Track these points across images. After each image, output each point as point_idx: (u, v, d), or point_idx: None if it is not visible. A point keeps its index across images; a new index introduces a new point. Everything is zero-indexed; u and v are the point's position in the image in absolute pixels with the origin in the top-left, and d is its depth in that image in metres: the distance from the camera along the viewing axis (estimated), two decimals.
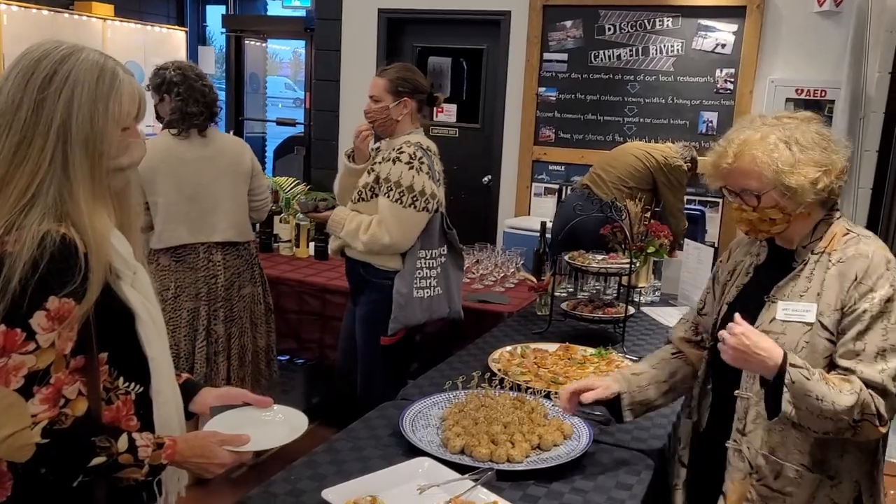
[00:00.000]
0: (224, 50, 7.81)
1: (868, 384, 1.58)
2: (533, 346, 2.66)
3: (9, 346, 1.27)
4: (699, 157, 4.18)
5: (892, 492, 3.01)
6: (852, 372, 1.60)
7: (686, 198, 4.38)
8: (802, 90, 4.48)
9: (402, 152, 2.94)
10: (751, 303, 1.78)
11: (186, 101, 3.18)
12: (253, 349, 3.49)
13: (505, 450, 1.84)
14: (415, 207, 2.92)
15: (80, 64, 1.36)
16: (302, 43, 7.13)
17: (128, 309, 1.41)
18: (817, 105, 4.45)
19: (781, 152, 1.63)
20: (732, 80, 4.72)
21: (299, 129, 7.67)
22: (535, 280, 3.26)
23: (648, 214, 3.59)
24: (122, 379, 1.43)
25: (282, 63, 17.58)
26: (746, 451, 1.72)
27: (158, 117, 3.30)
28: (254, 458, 1.62)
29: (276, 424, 1.63)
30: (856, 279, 1.63)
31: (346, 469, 1.79)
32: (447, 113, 5.59)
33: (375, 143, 3.22)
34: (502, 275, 3.79)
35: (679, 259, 3.66)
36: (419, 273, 3.00)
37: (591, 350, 2.62)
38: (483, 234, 5.21)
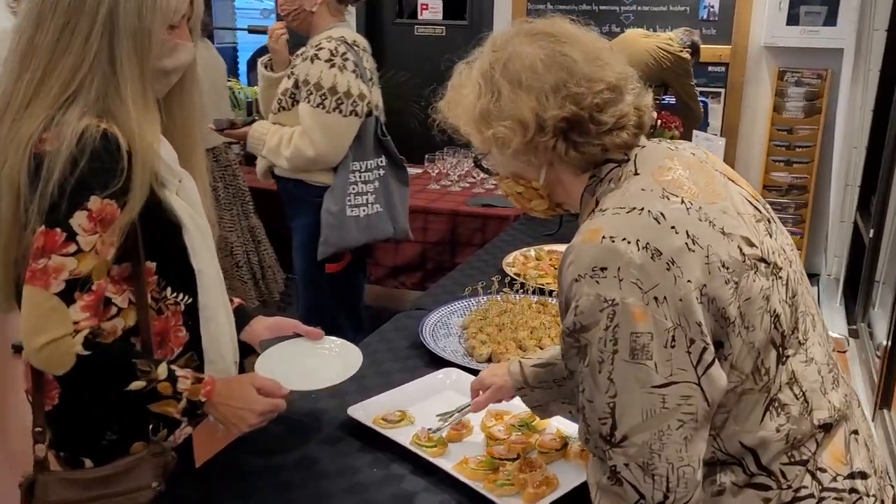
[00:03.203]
0: None
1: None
2: (546, 247, 2.55)
3: (49, 247, 1.20)
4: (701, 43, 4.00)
5: None
6: None
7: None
8: None
9: (320, 49, 2.52)
10: None
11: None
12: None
13: (535, 355, 1.74)
14: (340, 111, 2.50)
15: None
16: None
17: (174, 218, 1.33)
18: None
19: (469, 100, 1.11)
20: None
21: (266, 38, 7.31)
22: None
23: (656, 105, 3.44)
24: (169, 289, 1.38)
25: None
26: None
27: None
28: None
29: (329, 359, 1.54)
30: (558, 289, 1.06)
31: (366, 384, 1.69)
32: (433, 10, 5.31)
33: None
34: None
35: None
36: (353, 188, 2.62)
37: None
38: None
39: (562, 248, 2.53)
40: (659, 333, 0.95)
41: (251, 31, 8.20)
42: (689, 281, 0.96)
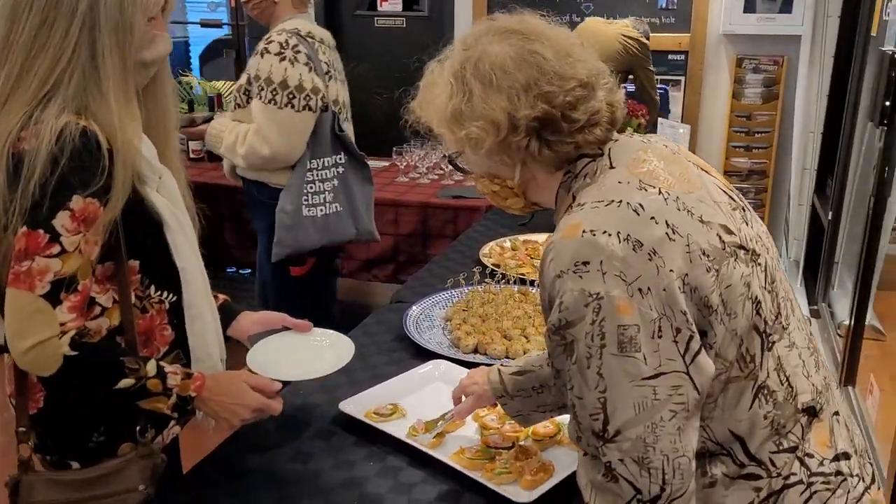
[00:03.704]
0: None
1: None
2: (521, 237, 2.57)
3: (32, 249, 1.19)
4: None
5: None
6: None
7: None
8: None
9: (270, 42, 2.47)
10: None
11: None
12: None
13: (521, 344, 1.76)
14: (292, 107, 2.44)
15: None
16: None
17: (156, 216, 1.32)
18: None
19: (441, 100, 1.10)
20: None
21: (225, 31, 7.19)
22: None
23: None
24: (153, 287, 1.37)
25: None
26: None
27: None
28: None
29: (321, 350, 1.55)
30: (540, 287, 1.06)
31: (355, 378, 1.69)
32: (392, 2, 5.28)
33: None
34: None
35: None
36: (310, 187, 2.55)
37: None
38: None
39: (537, 237, 2.56)
40: (645, 325, 0.94)
41: (203, 24, 8.10)
42: (671, 270, 0.96)
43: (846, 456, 1.10)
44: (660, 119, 3.55)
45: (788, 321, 1.09)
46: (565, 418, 1.48)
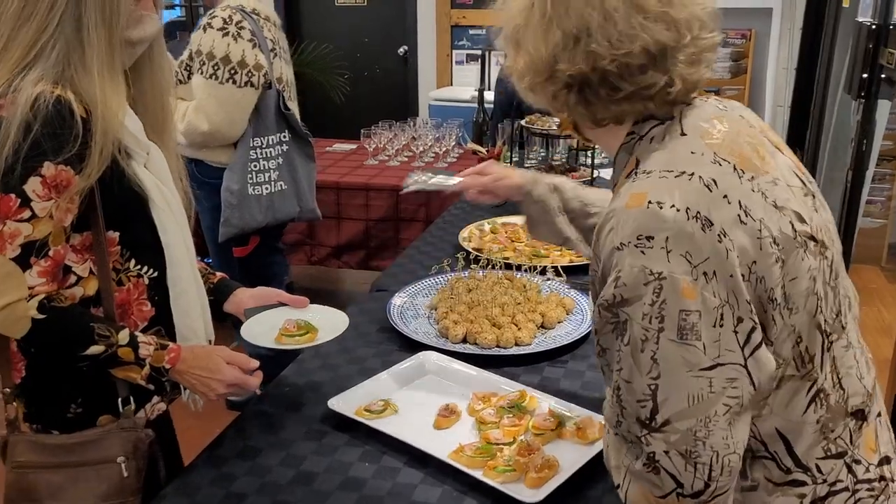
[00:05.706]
0: None
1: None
2: (500, 220, 2.51)
3: (3, 212, 1.21)
4: None
5: None
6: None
7: None
8: None
9: (214, 17, 2.47)
10: None
11: None
12: None
13: (511, 332, 1.70)
14: (234, 82, 2.43)
15: None
16: None
17: (139, 190, 1.33)
18: None
19: (512, 9, 1.00)
20: None
21: (177, 14, 6.99)
22: (484, 151, 3.07)
23: None
24: (133, 261, 1.38)
25: None
26: None
27: None
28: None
29: (314, 324, 1.54)
30: (593, 258, 0.99)
31: (341, 374, 1.62)
32: None
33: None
34: (444, 149, 3.58)
35: None
36: (254, 165, 2.54)
37: None
38: (403, 109, 4.94)
39: (516, 219, 2.50)
40: (707, 311, 0.87)
41: None
42: (738, 256, 0.88)
43: (888, 460, 1.05)
44: None
45: (846, 320, 1.02)
46: (565, 409, 1.43)
